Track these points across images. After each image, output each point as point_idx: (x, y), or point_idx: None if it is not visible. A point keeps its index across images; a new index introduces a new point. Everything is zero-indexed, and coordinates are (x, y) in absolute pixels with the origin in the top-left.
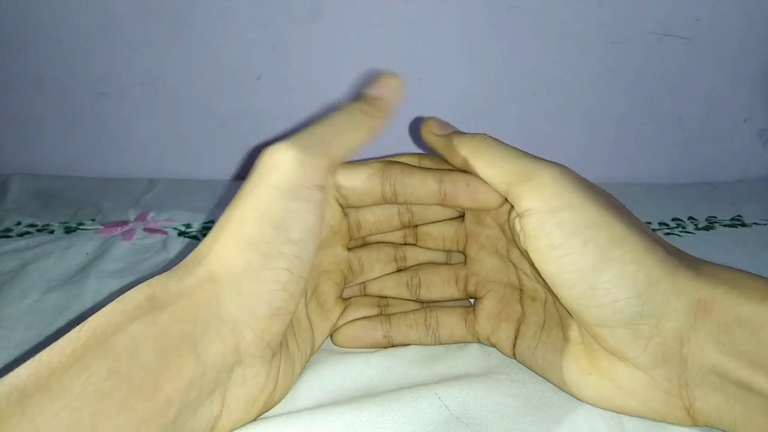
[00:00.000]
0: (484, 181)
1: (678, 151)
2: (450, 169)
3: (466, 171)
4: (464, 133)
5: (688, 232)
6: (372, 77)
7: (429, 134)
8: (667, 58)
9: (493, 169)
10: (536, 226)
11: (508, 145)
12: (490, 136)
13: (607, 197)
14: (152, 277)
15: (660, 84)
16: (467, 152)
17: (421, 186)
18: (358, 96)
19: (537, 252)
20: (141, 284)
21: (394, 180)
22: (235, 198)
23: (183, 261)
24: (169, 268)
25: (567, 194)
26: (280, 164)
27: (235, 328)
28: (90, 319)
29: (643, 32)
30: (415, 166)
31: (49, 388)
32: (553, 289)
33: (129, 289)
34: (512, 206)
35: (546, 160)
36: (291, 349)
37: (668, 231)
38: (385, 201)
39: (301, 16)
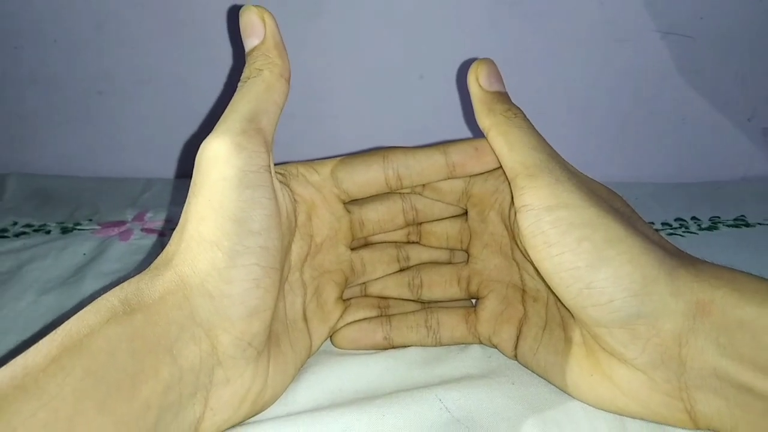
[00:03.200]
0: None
1: (681, 150)
2: (450, 142)
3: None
4: (505, 97)
5: (691, 233)
6: (242, 23)
7: (474, 81)
8: (670, 56)
9: (510, 153)
10: (532, 223)
11: (534, 130)
12: (523, 115)
13: (611, 200)
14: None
15: (663, 82)
16: (494, 124)
17: (428, 163)
18: (247, 56)
19: (534, 249)
20: (115, 288)
21: (397, 164)
22: (188, 196)
23: (154, 262)
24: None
25: (566, 194)
26: (220, 154)
27: (210, 332)
28: (65, 323)
29: (646, 30)
30: (415, 147)
31: (25, 389)
32: (551, 287)
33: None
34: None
35: (557, 160)
36: (283, 348)
37: (671, 231)
38: (389, 189)
39: (301, 13)
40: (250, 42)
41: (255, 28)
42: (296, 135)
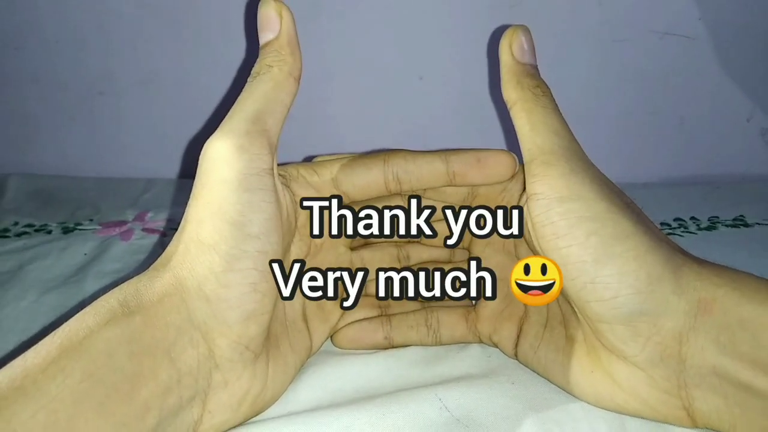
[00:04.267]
0: (493, 154)
1: (680, 150)
2: (454, 150)
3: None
4: (535, 71)
5: (690, 232)
6: (259, 16)
7: (506, 49)
8: (669, 57)
9: (530, 134)
10: (542, 212)
11: (558, 113)
12: (550, 95)
13: (620, 195)
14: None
15: (662, 83)
16: (520, 99)
17: (428, 169)
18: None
19: (543, 239)
20: (114, 289)
21: (397, 168)
22: (190, 197)
23: (154, 264)
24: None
25: (579, 186)
26: (221, 156)
27: (207, 335)
28: (64, 324)
29: (645, 31)
30: (417, 151)
31: (24, 390)
32: None
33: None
34: (524, 188)
35: (575, 149)
36: (283, 349)
37: (670, 231)
38: (389, 192)
39: (300, 14)
40: (264, 36)
41: (271, 23)
42: (295, 136)
